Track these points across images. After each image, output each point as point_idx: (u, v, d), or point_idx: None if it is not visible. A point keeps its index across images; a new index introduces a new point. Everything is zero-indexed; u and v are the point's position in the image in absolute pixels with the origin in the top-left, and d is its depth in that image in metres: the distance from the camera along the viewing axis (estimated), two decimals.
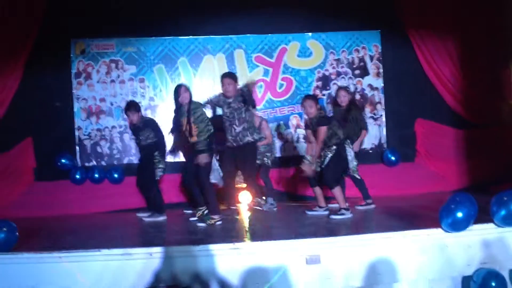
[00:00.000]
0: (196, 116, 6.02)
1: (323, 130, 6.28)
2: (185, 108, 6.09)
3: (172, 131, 6.70)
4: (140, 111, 7.06)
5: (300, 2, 8.57)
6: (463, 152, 8.61)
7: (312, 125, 6.48)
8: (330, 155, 6.32)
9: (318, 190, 6.65)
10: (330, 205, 6.74)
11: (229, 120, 6.59)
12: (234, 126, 6.58)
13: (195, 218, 6.40)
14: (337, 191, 6.26)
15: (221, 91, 6.62)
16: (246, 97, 6.58)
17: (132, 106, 6.99)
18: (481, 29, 8.64)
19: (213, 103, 6.77)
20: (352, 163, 6.48)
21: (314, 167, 6.40)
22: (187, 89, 6.17)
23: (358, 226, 5.84)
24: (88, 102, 8.41)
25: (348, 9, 8.67)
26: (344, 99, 7.03)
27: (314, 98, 6.68)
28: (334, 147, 6.33)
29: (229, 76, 6.62)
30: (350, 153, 6.44)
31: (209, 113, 6.93)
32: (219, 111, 7.00)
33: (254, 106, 7.00)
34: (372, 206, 6.96)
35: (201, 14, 8.51)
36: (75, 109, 8.39)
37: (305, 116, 6.73)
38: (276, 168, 8.26)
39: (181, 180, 7.20)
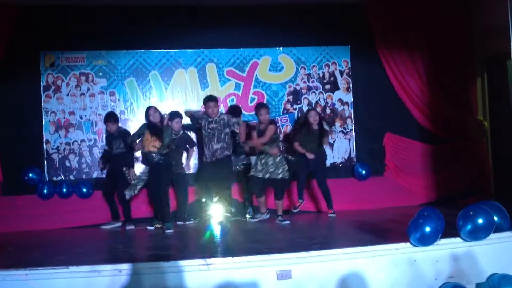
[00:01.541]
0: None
1: (272, 127, 7.30)
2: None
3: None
4: (118, 122, 7.71)
5: (271, 17, 8.64)
6: (431, 166, 8.76)
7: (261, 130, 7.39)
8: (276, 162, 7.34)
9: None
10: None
11: (208, 136, 7.31)
12: (212, 143, 7.26)
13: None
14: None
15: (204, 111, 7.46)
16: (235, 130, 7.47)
17: (111, 117, 7.65)
18: (448, 45, 8.85)
19: (194, 117, 7.61)
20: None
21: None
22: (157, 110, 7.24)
23: (329, 241, 5.87)
24: (57, 115, 8.28)
25: (319, 24, 8.78)
26: (317, 118, 7.69)
27: (266, 107, 7.68)
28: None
29: (215, 100, 7.43)
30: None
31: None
32: None
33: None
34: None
35: (173, 27, 8.50)
36: (44, 123, 8.24)
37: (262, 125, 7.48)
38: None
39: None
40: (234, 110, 8.26)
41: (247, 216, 7.87)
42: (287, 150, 8.17)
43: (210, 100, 7.38)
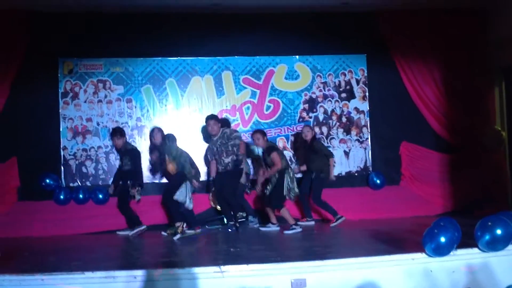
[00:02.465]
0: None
1: (275, 155, 7.32)
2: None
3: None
4: (124, 137, 7.74)
5: (288, 25, 8.67)
6: (448, 176, 8.69)
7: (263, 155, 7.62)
8: (274, 181, 7.36)
9: (269, 210, 7.56)
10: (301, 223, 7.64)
11: (218, 154, 7.63)
12: (223, 157, 7.57)
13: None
14: (283, 212, 7.32)
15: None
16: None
17: (117, 132, 7.70)
18: (465, 54, 8.80)
19: (212, 156, 7.82)
20: (287, 189, 7.35)
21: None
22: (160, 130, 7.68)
23: (344, 250, 5.83)
24: (74, 121, 8.36)
25: (335, 33, 8.78)
26: (308, 134, 7.89)
27: (262, 132, 7.73)
28: (277, 174, 7.32)
29: (214, 118, 7.74)
30: (287, 181, 7.32)
31: None
32: None
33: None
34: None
35: (190, 35, 8.56)
36: (61, 129, 8.33)
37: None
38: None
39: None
40: (223, 122, 8.13)
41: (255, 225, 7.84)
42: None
43: (209, 119, 7.72)
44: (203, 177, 8.17)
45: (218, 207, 8.06)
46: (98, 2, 7.95)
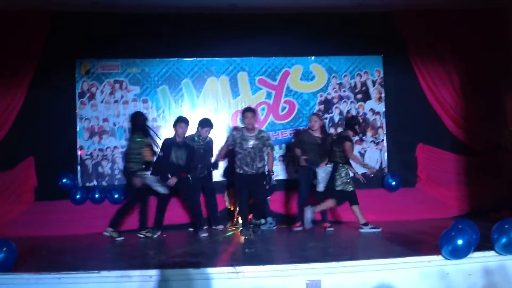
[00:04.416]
0: None
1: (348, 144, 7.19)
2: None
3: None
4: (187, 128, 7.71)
5: (303, 26, 8.66)
6: (464, 178, 8.61)
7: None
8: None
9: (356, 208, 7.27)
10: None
11: (250, 156, 7.20)
12: (256, 162, 7.20)
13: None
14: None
15: (240, 127, 7.50)
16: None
17: (183, 121, 7.61)
18: (483, 55, 8.72)
19: (232, 144, 7.37)
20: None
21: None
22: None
23: (359, 251, 5.81)
24: (91, 122, 8.43)
25: (351, 34, 8.75)
26: (315, 124, 7.59)
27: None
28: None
29: (252, 111, 7.34)
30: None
31: None
32: None
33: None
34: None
35: (205, 36, 8.59)
36: (78, 129, 8.40)
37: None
38: (279, 191, 8.32)
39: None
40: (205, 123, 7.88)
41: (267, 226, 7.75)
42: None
43: (247, 111, 7.32)
44: (218, 177, 8.22)
45: (232, 207, 8.08)
46: (115, 3, 8.00)
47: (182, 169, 7.42)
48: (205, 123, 7.77)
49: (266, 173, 7.27)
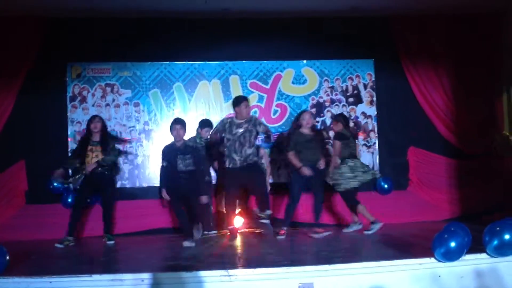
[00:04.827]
0: None
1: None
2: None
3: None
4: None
5: (295, 30, 8.69)
6: (455, 181, 8.65)
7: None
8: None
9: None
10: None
11: (239, 141, 6.77)
12: (246, 147, 6.77)
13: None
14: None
15: (230, 116, 7.11)
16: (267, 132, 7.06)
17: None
18: (474, 59, 8.77)
19: (220, 131, 6.98)
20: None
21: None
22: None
23: (351, 254, 5.81)
24: (82, 125, 8.36)
25: (343, 37, 8.79)
26: (310, 121, 7.31)
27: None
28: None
29: (248, 100, 7.02)
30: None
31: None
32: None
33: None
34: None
35: (197, 39, 8.59)
36: (69, 132, 8.36)
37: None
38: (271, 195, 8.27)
39: None
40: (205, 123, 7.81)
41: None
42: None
43: (244, 100, 6.95)
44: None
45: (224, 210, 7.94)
46: (106, 7, 7.99)
47: (193, 176, 6.90)
48: (205, 124, 7.71)
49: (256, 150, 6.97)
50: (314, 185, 7.11)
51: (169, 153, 6.93)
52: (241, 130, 6.79)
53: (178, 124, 6.96)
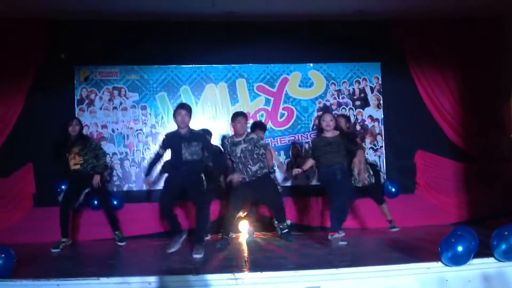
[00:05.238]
0: None
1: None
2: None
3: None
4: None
5: (302, 33, 8.70)
6: (463, 185, 8.62)
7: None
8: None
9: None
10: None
11: (241, 161, 6.68)
12: (249, 165, 6.68)
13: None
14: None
15: (228, 135, 6.84)
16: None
17: (185, 107, 6.47)
18: (481, 62, 8.75)
19: (226, 149, 6.90)
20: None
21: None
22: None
23: (358, 258, 5.80)
24: (90, 128, 8.43)
25: (349, 40, 8.79)
26: (330, 123, 6.58)
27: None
28: None
29: (244, 115, 6.83)
30: None
31: None
32: None
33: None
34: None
35: (204, 43, 8.61)
36: None
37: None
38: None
39: None
40: (260, 126, 7.78)
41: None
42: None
43: (239, 115, 6.78)
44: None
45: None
46: (114, 11, 8.03)
47: (197, 167, 6.37)
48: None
49: (262, 164, 6.75)
50: (335, 189, 6.48)
51: (172, 140, 6.32)
52: (238, 150, 6.67)
53: (183, 109, 6.31)
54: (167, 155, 6.57)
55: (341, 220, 6.53)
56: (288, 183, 8.48)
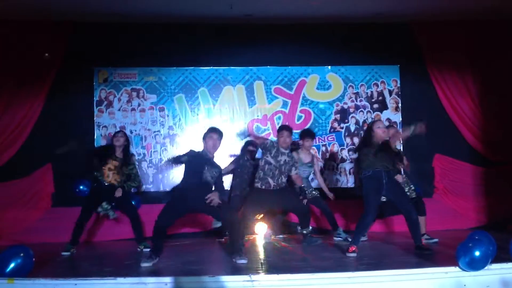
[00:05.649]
0: None
1: None
2: None
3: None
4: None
5: (320, 35, 8.69)
6: (482, 189, 8.52)
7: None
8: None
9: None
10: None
11: (280, 169, 6.62)
12: (283, 176, 6.67)
13: None
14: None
15: (277, 141, 6.71)
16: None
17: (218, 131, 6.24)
18: (501, 65, 8.65)
19: (265, 147, 6.68)
20: None
21: None
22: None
23: (375, 262, 5.76)
24: (108, 129, 8.50)
25: (368, 43, 8.76)
26: (384, 129, 6.31)
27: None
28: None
29: (289, 130, 6.73)
30: None
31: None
32: None
33: None
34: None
35: (222, 45, 8.66)
36: (95, 136, 8.48)
37: None
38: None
39: None
40: (308, 134, 7.59)
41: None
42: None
43: (284, 129, 6.72)
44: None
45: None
46: (133, 13, 8.10)
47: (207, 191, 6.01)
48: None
49: (299, 190, 7.02)
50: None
51: (195, 158, 6.10)
52: (283, 160, 6.65)
53: (216, 133, 6.14)
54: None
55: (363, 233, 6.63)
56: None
